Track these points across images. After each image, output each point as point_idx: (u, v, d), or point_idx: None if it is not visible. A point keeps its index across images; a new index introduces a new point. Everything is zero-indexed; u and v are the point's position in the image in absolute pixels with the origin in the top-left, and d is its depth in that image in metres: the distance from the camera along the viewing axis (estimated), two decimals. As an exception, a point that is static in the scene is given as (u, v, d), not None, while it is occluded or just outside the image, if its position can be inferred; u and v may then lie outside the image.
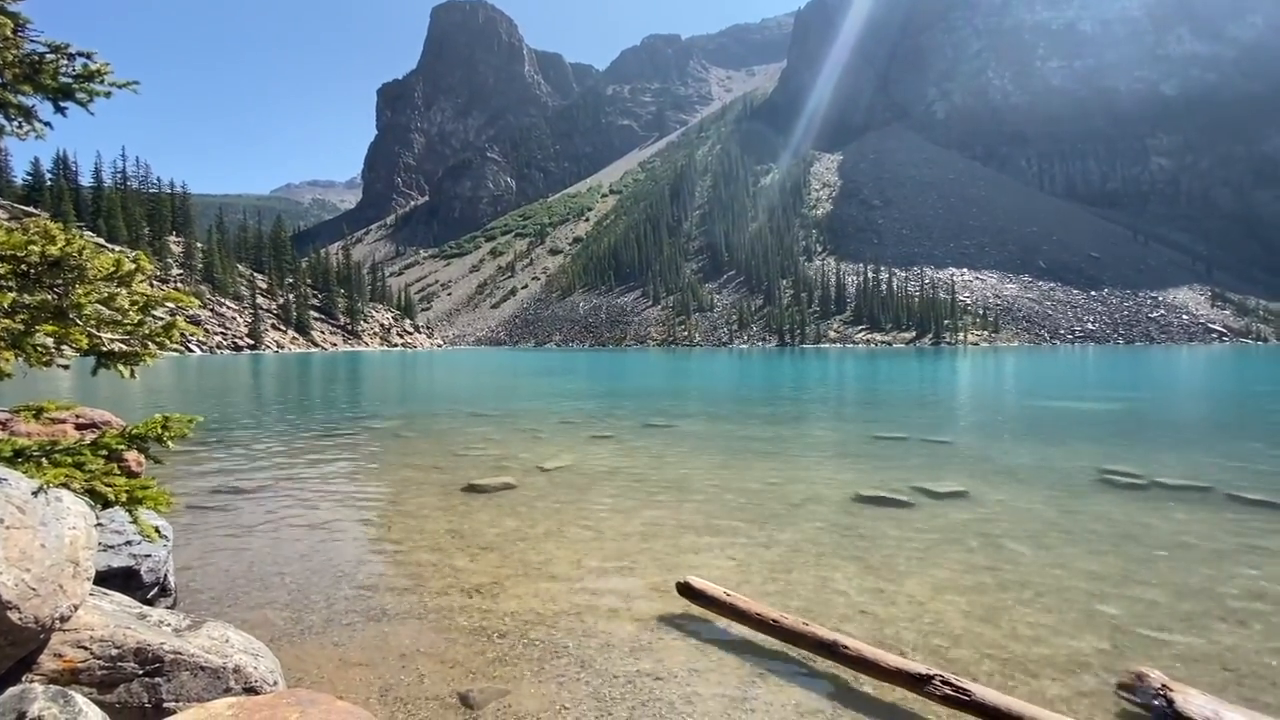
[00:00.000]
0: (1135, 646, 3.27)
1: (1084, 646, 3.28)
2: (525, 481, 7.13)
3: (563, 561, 4.55)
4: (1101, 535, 5.17)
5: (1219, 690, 2.79)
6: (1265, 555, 4.68)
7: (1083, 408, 16.26)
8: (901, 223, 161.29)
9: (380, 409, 16.13)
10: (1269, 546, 4.87)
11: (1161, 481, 6.98)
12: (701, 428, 12.18)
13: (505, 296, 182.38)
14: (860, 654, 2.89)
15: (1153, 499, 6.34)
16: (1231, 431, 12.45)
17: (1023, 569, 4.41)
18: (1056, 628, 3.49)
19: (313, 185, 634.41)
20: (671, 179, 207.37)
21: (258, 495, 6.57)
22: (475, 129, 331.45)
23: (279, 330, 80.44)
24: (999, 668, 3.06)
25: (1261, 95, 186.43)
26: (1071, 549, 4.83)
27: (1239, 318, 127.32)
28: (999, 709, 2.45)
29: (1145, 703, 2.68)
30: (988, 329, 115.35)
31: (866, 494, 6.43)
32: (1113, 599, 3.89)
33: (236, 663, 2.36)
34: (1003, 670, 3.04)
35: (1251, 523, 5.50)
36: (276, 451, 9.24)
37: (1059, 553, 4.74)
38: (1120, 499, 6.34)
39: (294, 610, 3.72)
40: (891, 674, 2.76)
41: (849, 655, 2.91)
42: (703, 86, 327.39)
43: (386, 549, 4.90)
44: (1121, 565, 4.46)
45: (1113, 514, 5.79)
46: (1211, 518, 5.67)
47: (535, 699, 2.79)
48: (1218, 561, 4.54)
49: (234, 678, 2.31)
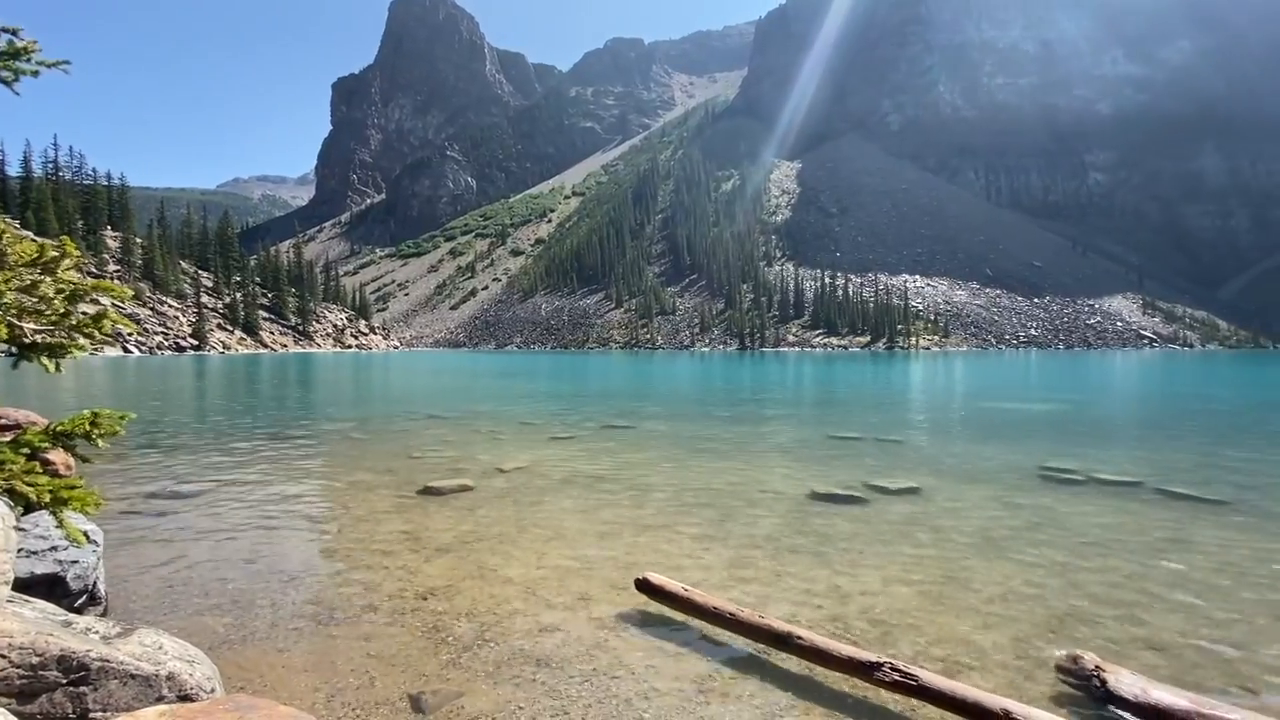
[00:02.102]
0: (1072, 631, 3.43)
1: (1025, 632, 3.41)
2: (483, 483, 7.02)
3: (520, 563, 4.49)
4: (1042, 528, 5.40)
5: (1147, 670, 2.94)
6: (1188, 546, 4.96)
7: (1026, 409, 16.99)
8: (857, 230, 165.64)
9: (332, 411, 15.66)
10: (1192, 538, 5.17)
11: (1097, 477, 7.34)
12: (663, 428, 12.22)
13: (465, 297, 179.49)
14: (814, 644, 2.94)
15: (1089, 494, 6.66)
16: (1159, 431, 13.21)
17: (969, 561, 4.57)
18: (999, 615, 3.63)
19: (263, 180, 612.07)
20: (635, 182, 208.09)
21: (198, 500, 6.28)
22: (434, 127, 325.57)
23: (225, 330, 77.20)
24: (946, 654, 3.16)
25: (1188, 116, 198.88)
26: (1014, 541, 5.03)
27: (1167, 325, 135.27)
28: (944, 693, 2.53)
29: (1080, 683, 2.81)
30: (938, 334, 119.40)
31: (822, 491, 6.56)
32: (1051, 588, 4.06)
33: (170, 670, 2.25)
34: (949, 656, 3.14)
35: (1177, 515, 5.84)
36: (220, 455, 8.86)
37: (1003, 545, 4.94)
38: (1059, 494, 6.64)
39: (236, 617, 3.57)
40: (843, 663, 2.82)
41: (803, 646, 2.96)
42: (666, 91, 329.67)
43: (337, 553, 4.75)
44: (1060, 556, 4.67)
45: (1052, 508, 6.06)
46: (1141, 511, 6.00)
47: (489, 700, 2.74)
48: (1146, 552, 4.80)
49: (167, 685, 2.19)
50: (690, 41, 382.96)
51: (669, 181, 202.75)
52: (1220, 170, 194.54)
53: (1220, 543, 5.02)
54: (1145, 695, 2.63)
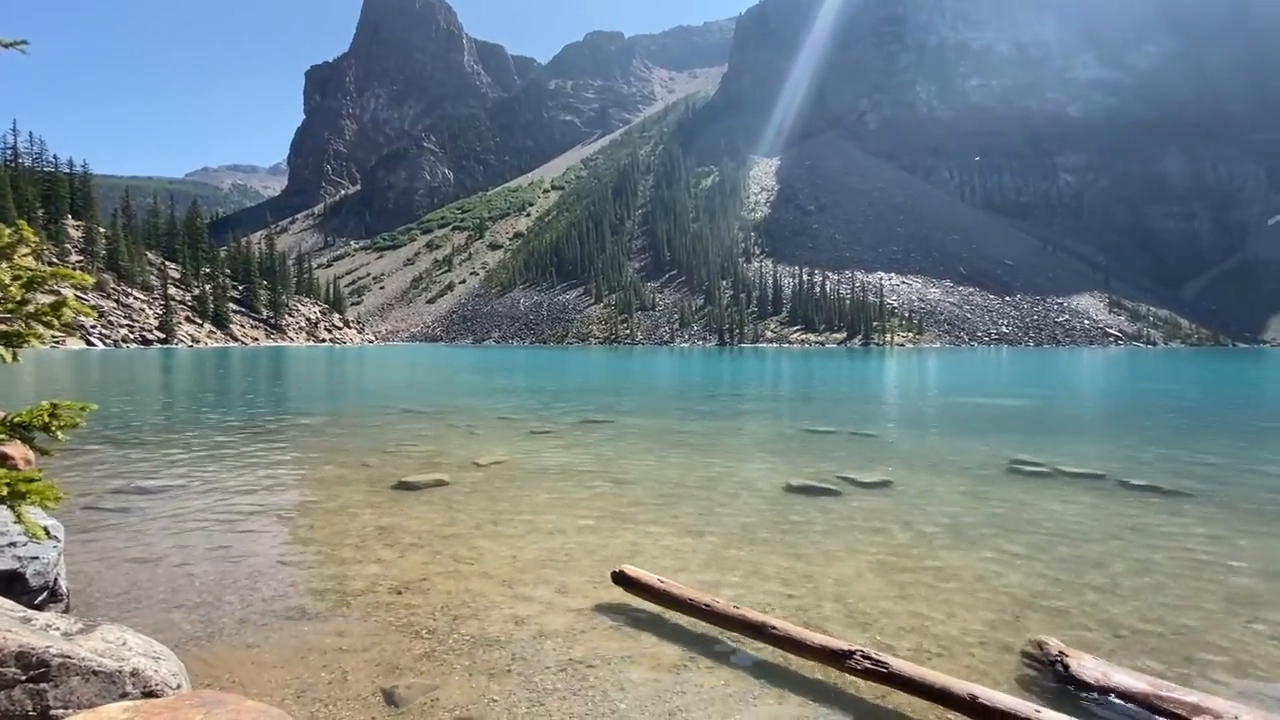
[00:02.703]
0: (1037, 618, 3.53)
1: (992, 619, 3.50)
2: (459, 478, 6.96)
3: (496, 556, 4.47)
4: (1009, 519, 5.53)
5: (1108, 655, 3.04)
6: (1149, 535, 5.13)
7: (996, 404, 17.37)
8: (835, 228, 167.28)
9: (305, 406, 15.39)
10: (1152, 527, 5.35)
11: (1063, 470, 7.54)
12: (641, 423, 12.24)
13: (442, 291, 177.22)
14: (787, 634, 2.98)
15: (1055, 486, 6.84)
16: (1122, 425, 13.62)
17: (939, 551, 4.67)
18: (968, 604, 3.71)
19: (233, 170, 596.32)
20: (615, 177, 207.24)
21: (165, 495, 6.13)
22: (411, 117, 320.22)
23: (194, 323, 75.24)
24: (917, 642, 3.23)
25: (1155, 120, 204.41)
26: (983, 532, 5.15)
27: (1132, 323, 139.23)
28: (913, 679, 2.58)
29: (1045, 668, 2.89)
30: (912, 331, 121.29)
31: (797, 484, 6.63)
32: (1018, 576, 4.17)
33: (135, 666, 2.19)
34: (920, 644, 3.21)
35: (1138, 506, 6.03)
36: (187, 450, 8.65)
37: (971, 535, 5.05)
38: (1027, 486, 6.81)
39: (203, 613, 3.50)
40: (816, 651, 2.86)
41: (777, 635, 3.00)
42: (646, 86, 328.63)
43: (309, 548, 4.68)
44: (1026, 546, 4.80)
45: (1020, 500, 6.21)
46: (1104, 502, 6.18)
47: (465, 692, 2.73)
48: (1109, 541, 4.95)
49: (131, 681, 2.14)
50: (671, 36, 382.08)
51: (649, 177, 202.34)
52: (1183, 173, 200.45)
53: (1178, 532, 5.19)
54: (1106, 679, 2.71)
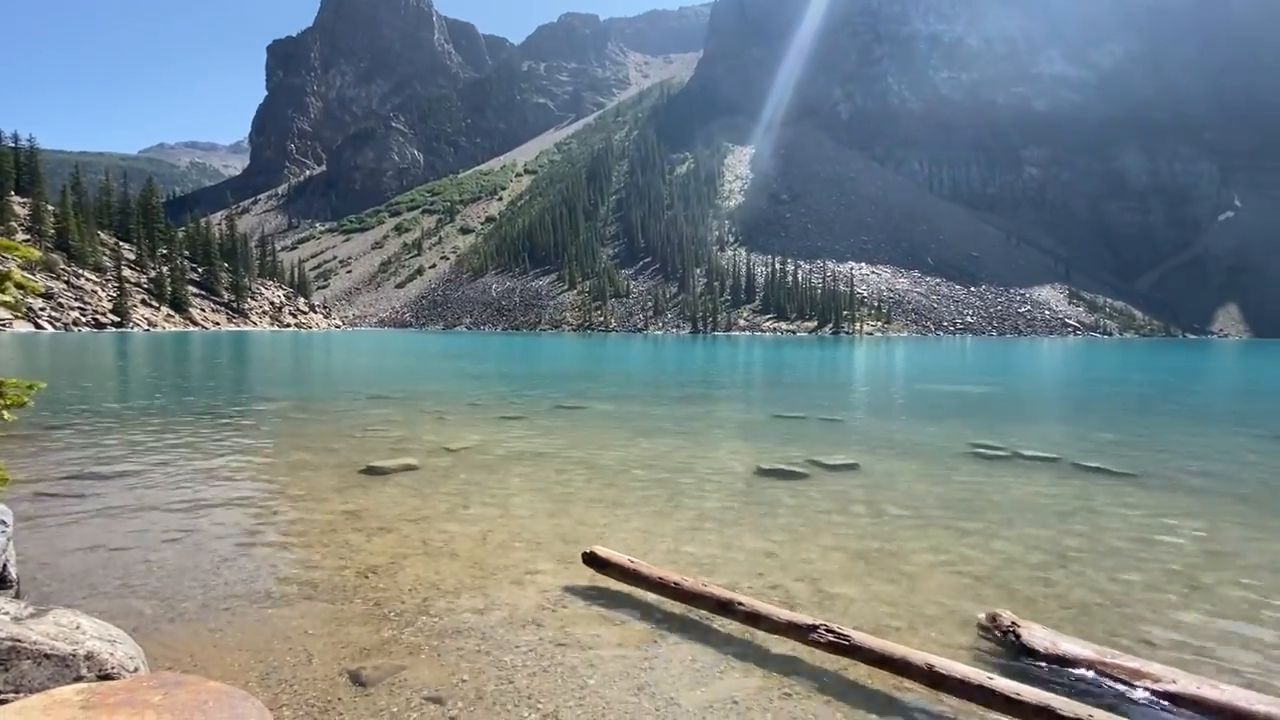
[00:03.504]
0: (992, 592, 3.67)
1: (950, 594, 3.63)
2: (429, 462, 6.89)
3: (466, 539, 4.45)
4: (968, 499, 5.72)
5: (1057, 625, 3.18)
6: (1098, 514, 5.36)
7: (959, 391, 17.84)
8: (807, 217, 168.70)
9: (269, 391, 15.03)
10: (1101, 507, 5.59)
11: (1020, 453, 7.81)
12: (614, 409, 12.26)
13: (411, 276, 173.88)
14: (754, 610, 3.04)
15: (1012, 468, 7.09)
16: (1077, 411, 14.13)
17: (901, 529, 4.81)
18: (928, 579, 3.84)
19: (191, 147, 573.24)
20: (588, 162, 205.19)
21: (121, 481, 5.94)
22: (379, 96, 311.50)
23: (150, 306, 72.54)
24: (879, 615, 3.33)
25: (1116, 118, 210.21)
26: (943, 511, 5.31)
27: (1090, 314, 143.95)
28: (874, 651, 2.67)
29: (998, 638, 3.01)
30: (881, 320, 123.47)
31: (767, 467, 6.74)
32: (975, 553, 4.32)
33: (89, 649, 2.14)
34: (881, 618, 3.31)
35: (1088, 487, 6.28)
36: (145, 435, 8.39)
37: (932, 515, 5.21)
38: (986, 468, 7.03)
39: (163, 598, 3.42)
40: (782, 626, 2.93)
41: (744, 612, 3.06)
42: (621, 70, 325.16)
43: (273, 533, 4.59)
44: (984, 525, 4.97)
45: (979, 481, 6.42)
46: (1058, 483, 6.42)
47: (433, 672, 2.73)
48: (1060, 519, 5.16)
49: (86, 665, 2.09)
50: (645, 20, 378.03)
51: (623, 162, 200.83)
52: (1141, 170, 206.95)
53: (1124, 511, 5.44)
54: (1054, 647, 2.84)
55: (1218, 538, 4.77)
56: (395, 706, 2.48)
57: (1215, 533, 4.89)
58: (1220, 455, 8.39)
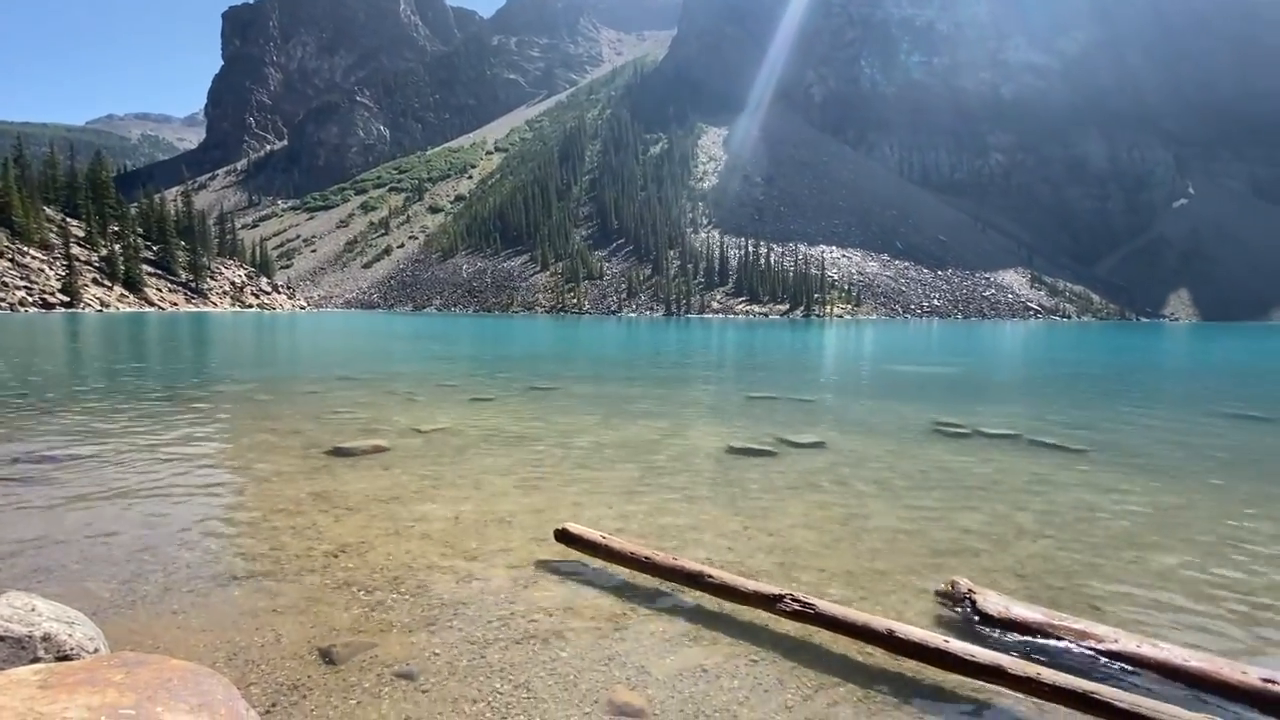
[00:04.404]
0: (951, 562, 3.81)
1: (911, 564, 3.76)
2: (399, 444, 6.82)
3: (438, 518, 4.44)
4: (931, 475, 5.90)
5: (1011, 591, 3.33)
6: (1052, 487, 5.59)
7: (925, 371, 18.29)
8: (780, 200, 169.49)
9: (231, 373, 14.62)
10: (1056, 481, 5.82)
11: (981, 431, 8.07)
12: (587, 390, 12.26)
13: (379, 256, 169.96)
14: (723, 582, 3.11)
15: (973, 445, 7.32)
16: (1035, 390, 14.62)
17: (866, 504, 4.95)
18: (891, 550, 3.97)
19: (142, 119, 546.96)
20: (561, 141, 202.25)
21: (75, 465, 5.75)
22: (342, 69, 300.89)
23: (102, 286, 69.60)
24: (844, 586, 3.44)
25: (1078, 105, 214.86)
26: (906, 486, 5.48)
27: (1050, 298, 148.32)
28: (838, 618, 2.76)
29: (955, 605, 3.14)
30: (851, 303, 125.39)
31: (737, 446, 6.84)
32: (936, 525, 4.48)
33: (46, 631, 2.09)
34: (846, 587, 3.42)
35: (1045, 462, 6.53)
36: (99, 419, 8.11)
37: (896, 490, 5.37)
38: (948, 446, 7.25)
39: (123, 581, 3.34)
40: (750, 597, 3.01)
41: (713, 583, 3.13)
42: (593, 47, 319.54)
43: (237, 515, 4.51)
44: (945, 498, 5.14)
45: (941, 458, 6.62)
46: (1016, 459, 6.67)
47: (404, 647, 2.73)
48: (1018, 493, 5.37)
49: (43, 646, 2.05)
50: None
51: (596, 142, 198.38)
52: (1101, 156, 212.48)
53: (1077, 484, 5.68)
54: (1007, 611, 2.98)
55: (1161, 509, 5.02)
56: (366, 682, 2.48)
57: (1159, 505, 5.14)
58: (1167, 433, 8.79)
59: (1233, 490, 5.64)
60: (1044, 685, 2.28)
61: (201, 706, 1.72)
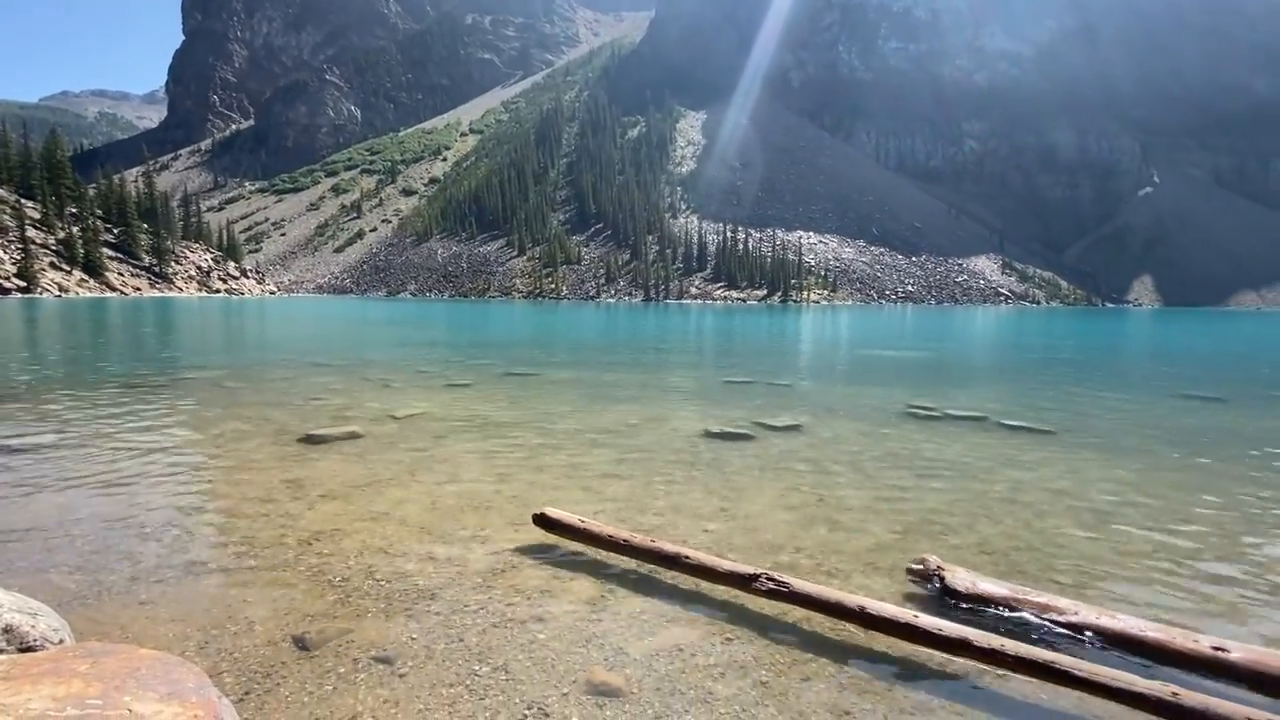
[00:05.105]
0: (921, 539, 3.90)
1: (883, 542, 3.85)
2: (373, 430, 6.73)
3: (414, 505, 4.41)
4: (902, 457, 6.02)
5: (978, 567, 3.42)
6: (1019, 468, 5.74)
7: (898, 356, 18.58)
8: (758, 185, 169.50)
9: (200, 359, 14.26)
10: (1022, 461, 5.99)
11: (951, 413, 8.24)
12: (565, 375, 12.22)
13: (351, 240, 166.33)
14: (700, 562, 3.15)
15: (943, 427, 7.48)
16: (1004, 374, 14.97)
17: (840, 485, 5.03)
18: (863, 529, 4.05)
19: (99, 95, 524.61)
20: (537, 123, 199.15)
21: (36, 454, 5.57)
22: (311, 46, 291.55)
23: (61, 270, 67.09)
24: (817, 564, 3.51)
25: (1049, 93, 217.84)
26: (879, 467, 5.59)
27: (1021, 284, 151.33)
28: (811, 596, 2.81)
29: (925, 581, 3.22)
30: (828, 289, 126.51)
31: (715, 430, 6.89)
32: (907, 504, 4.58)
33: (7, 622, 2.04)
34: (819, 566, 3.49)
35: (1012, 443, 6.71)
36: (61, 406, 7.86)
37: (869, 471, 5.47)
38: (920, 427, 7.40)
39: (88, 573, 3.26)
40: (726, 576, 3.05)
41: (690, 564, 3.17)
42: (570, 27, 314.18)
43: (207, 504, 4.42)
44: (915, 478, 5.26)
45: (913, 439, 6.76)
46: (984, 440, 6.83)
47: (380, 632, 2.72)
48: (985, 474, 5.51)
49: (5, 638, 1.99)
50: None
51: (573, 124, 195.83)
52: (1071, 145, 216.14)
53: (1042, 464, 5.84)
54: (974, 587, 3.07)
55: (1122, 488, 5.19)
56: (342, 668, 2.47)
57: (1120, 483, 5.32)
58: (1129, 414, 9.08)
59: (1188, 468, 5.86)
60: (1008, 656, 2.37)
61: (172, 695, 1.69)
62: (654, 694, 2.36)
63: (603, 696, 2.34)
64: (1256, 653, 2.40)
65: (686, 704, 2.31)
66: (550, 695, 2.33)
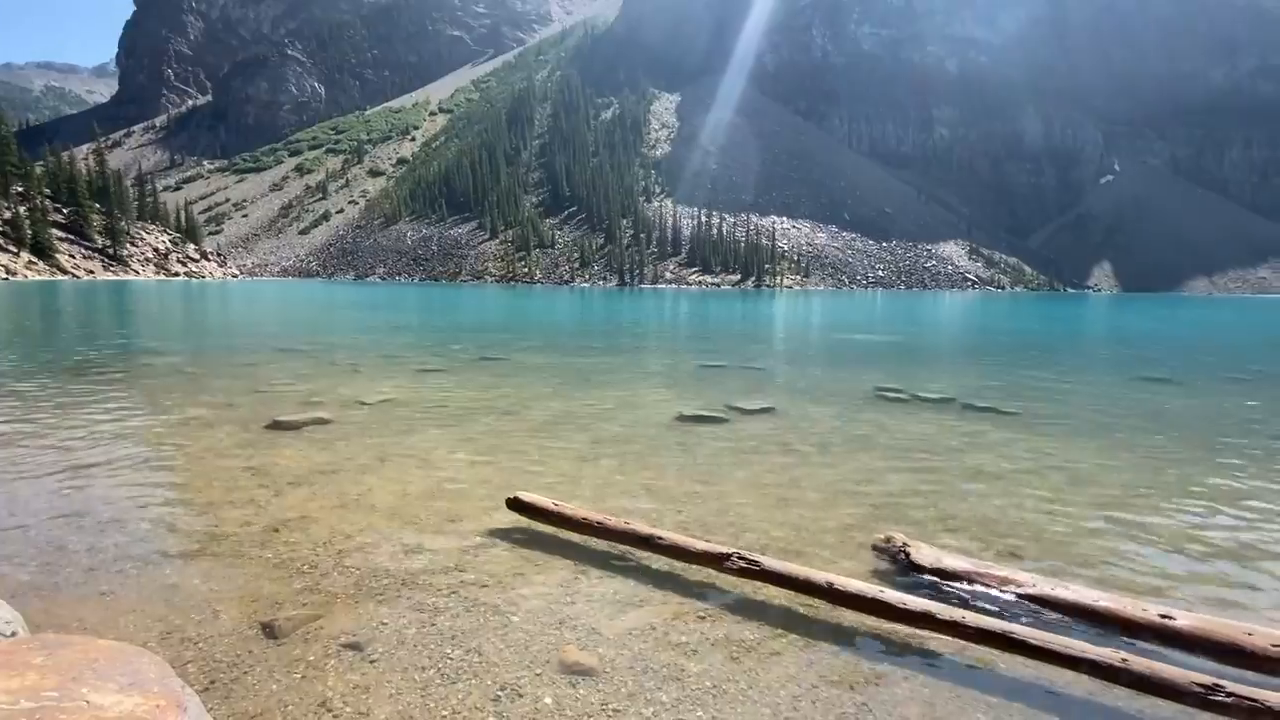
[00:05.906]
0: (888, 517, 4.00)
1: (851, 521, 3.93)
2: (342, 416, 6.61)
3: (384, 491, 4.35)
4: (871, 438, 6.15)
5: (942, 543, 3.52)
6: (982, 448, 5.91)
7: (869, 340, 18.90)
8: (732, 170, 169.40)
9: (160, 345, 13.80)
10: (987, 442, 6.16)
11: (919, 396, 8.42)
12: (539, 360, 12.14)
13: (316, 221, 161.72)
14: (673, 543, 3.18)
15: (911, 409, 7.65)
16: (970, 358, 15.36)
17: (810, 466, 5.12)
18: (831, 508, 4.14)
19: (45, 68, 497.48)
20: (509, 103, 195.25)
21: (-17, 442, 5.34)
22: (271, 19, 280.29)
23: (8, 252, 64.00)
24: (787, 543, 3.57)
25: (1016, 81, 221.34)
26: (848, 448, 5.70)
27: (987, 269, 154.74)
28: (782, 574, 2.87)
29: (891, 558, 3.31)
30: (800, 274, 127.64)
31: (688, 413, 6.93)
32: (875, 484, 4.69)
33: (-47, 616, 1.96)
34: (789, 544, 3.55)
35: (977, 424, 6.89)
36: (10, 394, 7.54)
37: (838, 452, 5.58)
38: (888, 410, 7.55)
39: (43, 565, 3.15)
40: (699, 556, 3.09)
41: (664, 545, 3.19)
42: (542, 5, 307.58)
43: (169, 493, 4.30)
44: (883, 459, 5.38)
45: (881, 421, 6.89)
46: (950, 421, 7.01)
47: (350, 619, 2.69)
48: (950, 453, 5.65)
49: (-50, 633, 1.92)
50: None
51: (546, 105, 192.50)
52: (1037, 133, 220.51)
53: (1005, 444, 6.02)
54: (938, 562, 3.16)
55: (1081, 467, 5.39)
56: (312, 655, 2.44)
57: (1080, 463, 5.52)
58: (1089, 396, 9.40)
59: (1143, 447, 6.10)
60: (969, 628, 2.45)
61: (132, 686, 1.65)
62: (627, 672, 2.38)
63: (576, 676, 2.35)
64: (1201, 620, 2.53)
65: (659, 681, 2.34)
66: (523, 676, 2.34)
